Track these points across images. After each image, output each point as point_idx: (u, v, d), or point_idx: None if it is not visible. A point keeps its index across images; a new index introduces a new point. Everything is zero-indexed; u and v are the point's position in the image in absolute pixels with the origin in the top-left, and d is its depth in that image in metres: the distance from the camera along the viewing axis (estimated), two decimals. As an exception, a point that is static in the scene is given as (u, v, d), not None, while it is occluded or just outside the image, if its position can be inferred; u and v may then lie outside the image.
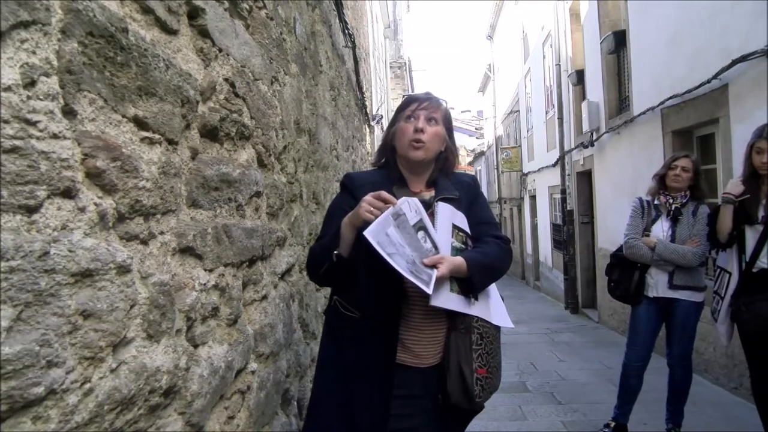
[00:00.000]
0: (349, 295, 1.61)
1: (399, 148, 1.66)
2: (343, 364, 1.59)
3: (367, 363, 1.55)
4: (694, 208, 3.07)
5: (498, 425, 3.65)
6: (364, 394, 1.54)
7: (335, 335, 1.65)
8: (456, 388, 1.54)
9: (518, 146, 15.42)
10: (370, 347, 1.55)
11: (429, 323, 1.58)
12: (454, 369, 1.55)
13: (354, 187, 1.65)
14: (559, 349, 6.02)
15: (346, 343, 1.60)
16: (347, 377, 1.58)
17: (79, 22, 0.79)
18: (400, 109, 1.70)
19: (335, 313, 1.65)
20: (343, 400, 1.57)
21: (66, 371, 0.74)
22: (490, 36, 20.22)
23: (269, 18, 1.86)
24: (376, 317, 1.55)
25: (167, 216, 1.06)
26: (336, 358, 1.62)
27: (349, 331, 1.59)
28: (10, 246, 0.65)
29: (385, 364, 1.54)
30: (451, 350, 1.56)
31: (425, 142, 1.61)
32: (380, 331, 1.55)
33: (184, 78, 1.14)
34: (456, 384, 1.54)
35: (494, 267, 1.61)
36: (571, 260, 9.08)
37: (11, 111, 0.67)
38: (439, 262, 1.45)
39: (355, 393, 1.56)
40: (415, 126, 1.62)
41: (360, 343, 1.57)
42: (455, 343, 1.57)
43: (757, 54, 3.76)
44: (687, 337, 3.07)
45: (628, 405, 3.24)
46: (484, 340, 1.59)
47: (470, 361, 1.55)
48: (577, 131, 8.83)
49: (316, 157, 2.84)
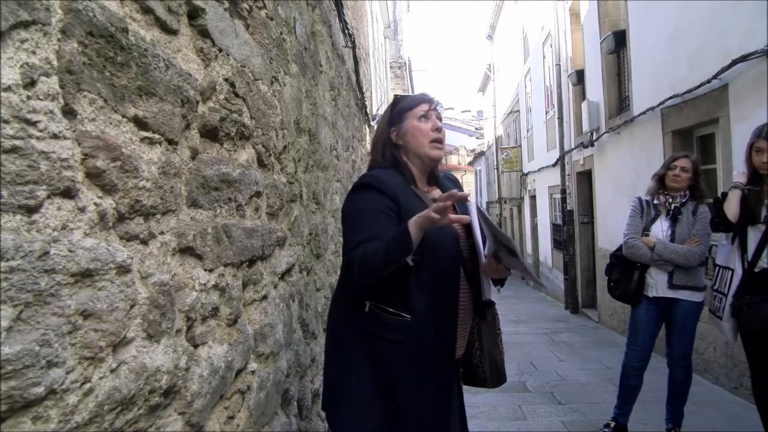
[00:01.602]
0: (395, 299, 1.54)
1: (416, 147, 1.68)
2: (390, 368, 1.55)
3: (427, 362, 1.57)
4: (693, 207, 3.07)
5: (498, 425, 3.65)
6: (428, 393, 1.58)
7: (373, 340, 1.57)
8: (492, 374, 1.75)
9: (518, 146, 15.42)
10: (431, 345, 1.58)
11: (465, 316, 1.69)
12: (488, 356, 1.74)
13: (386, 188, 1.58)
14: (559, 349, 6.02)
15: (395, 346, 1.54)
16: (399, 381, 1.55)
17: (79, 22, 0.79)
18: (407, 108, 1.71)
19: (374, 319, 1.56)
20: (390, 406, 1.55)
21: (66, 371, 0.74)
22: (490, 36, 20.22)
23: (269, 18, 1.86)
24: (435, 317, 1.58)
25: (167, 216, 1.06)
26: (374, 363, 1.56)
27: (400, 334, 1.54)
28: (10, 246, 0.65)
29: (449, 358, 1.66)
30: (484, 339, 1.74)
31: (443, 141, 1.73)
32: (440, 330, 1.61)
33: (184, 78, 1.14)
34: (492, 370, 1.74)
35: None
36: (571, 260, 9.08)
37: (11, 111, 0.67)
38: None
39: (414, 394, 1.55)
40: (434, 126, 1.69)
41: (416, 344, 1.54)
42: (486, 332, 1.75)
43: (757, 54, 3.76)
44: (687, 337, 3.07)
45: (628, 405, 3.24)
46: (499, 325, 1.82)
47: (498, 345, 1.77)
48: (577, 131, 8.83)
49: (316, 157, 2.84)
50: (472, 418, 3.71)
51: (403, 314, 1.54)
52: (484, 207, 22.15)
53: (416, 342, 1.54)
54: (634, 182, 6.03)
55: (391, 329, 1.55)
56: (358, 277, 1.48)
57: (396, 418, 1.54)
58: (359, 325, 1.60)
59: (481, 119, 29.47)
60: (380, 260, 1.43)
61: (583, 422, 3.67)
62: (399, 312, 1.54)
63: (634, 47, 6.20)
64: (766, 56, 3.68)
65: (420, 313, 1.54)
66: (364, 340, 1.58)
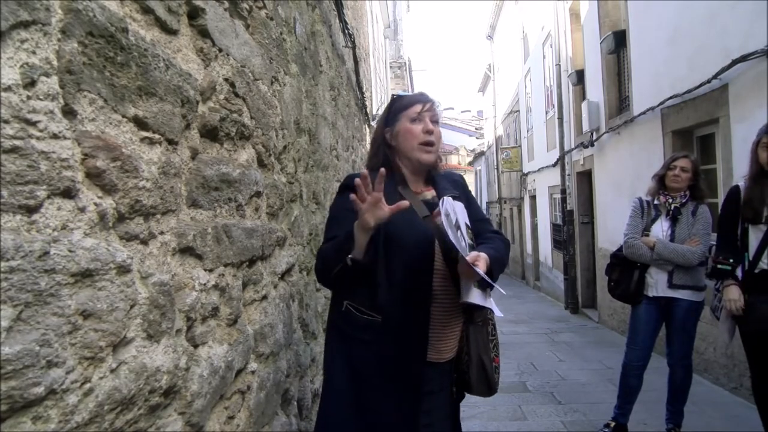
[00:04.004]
0: (364, 299, 1.58)
1: (406, 150, 1.66)
2: (359, 368, 1.57)
3: (393, 363, 1.55)
4: (693, 208, 3.08)
5: (498, 425, 3.64)
6: (392, 396, 1.54)
7: (347, 341, 1.61)
8: (479, 379, 1.65)
9: (518, 146, 15.42)
10: (396, 348, 1.55)
11: (449, 318, 1.63)
12: (476, 360, 1.64)
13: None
14: (559, 349, 6.02)
15: (363, 347, 1.57)
16: (364, 381, 1.56)
17: (79, 22, 0.79)
18: (401, 109, 1.69)
19: (347, 318, 1.61)
20: (358, 404, 1.56)
21: (66, 371, 0.74)
22: (490, 36, 20.21)
23: (269, 18, 1.86)
24: (403, 317, 1.55)
25: (167, 216, 1.06)
26: (349, 363, 1.59)
27: (369, 334, 1.56)
28: (10, 246, 0.65)
29: (415, 361, 1.57)
30: (471, 342, 1.66)
31: (435, 144, 1.66)
32: (409, 331, 1.56)
33: (184, 78, 1.14)
34: (478, 374, 1.64)
35: (504, 261, 1.67)
36: (571, 260, 9.08)
37: (11, 111, 0.67)
38: (476, 259, 1.47)
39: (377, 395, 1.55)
40: (425, 128, 1.63)
41: (383, 345, 1.55)
42: (474, 335, 1.66)
43: (757, 54, 3.76)
44: (687, 337, 3.08)
45: (628, 405, 3.24)
46: (495, 331, 1.72)
47: (488, 351, 1.67)
48: (577, 131, 8.83)
49: (316, 157, 2.84)
50: (472, 418, 3.71)
51: (373, 314, 1.56)
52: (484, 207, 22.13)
53: (383, 342, 1.55)
54: (634, 182, 6.03)
55: (361, 329, 1.58)
56: (318, 271, 1.62)
57: (364, 419, 1.56)
58: (338, 325, 1.65)
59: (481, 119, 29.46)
60: (331, 258, 1.53)
61: (583, 422, 3.67)
62: (369, 311, 1.57)
63: (634, 47, 6.20)
64: (766, 56, 3.68)
65: (388, 313, 1.55)
66: (341, 340, 1.63)
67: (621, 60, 7.02)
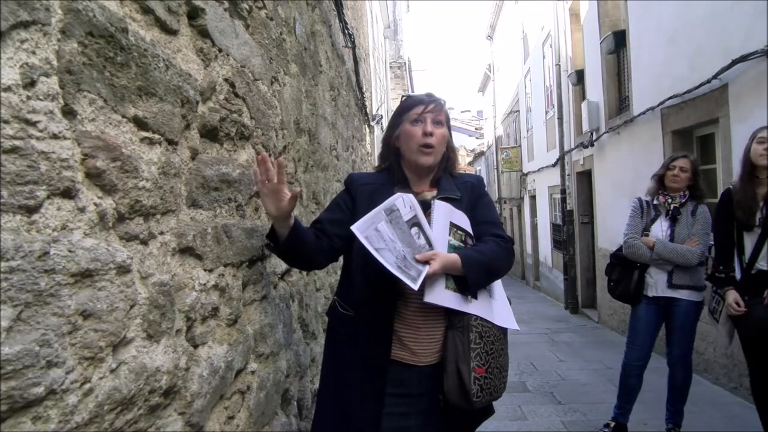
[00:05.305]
0: (344, 294, 1.68)
1: (406, 152, 1.65)
2: (340, 362, 1.64)
3: (362, 360, 1.57)
4: (693, 207, 3.08)
5: (498, 425, 3.64)
6: (358, 391, 1.57)
7: (333, 334, 1.72)
8: (453, 387, 1.51)
9: (518, 146, 15.42)
10: (365, 344, 1.58)
11: (425, 320, 1.57)
12: (451, 367, 1.52)
13: (353, 186, 1.69)
14: (559, 349, 6.02)
15: (342, 341, 1.66)
16: (342, 375, 1.62)
17: (79, 22, 0.79)
18: (403, 111, 1.68)
19: (334, 313, 1.72)
20: (338, 397, 1.62)
21: (66, 371, 0.74)
22: (490, 36, 20.21)
23: (269, 18, 1.86)
24: (370, 314, 1.58)
25: (167, 216, 1.06)
26: (333, 356, 1.68)
27: (345, 329, 1.65)
28: (10, 246, 0.65)
29: (378, 359, 1.55)
30: (449, 348, 1.54)
31: (435, 146, 1.61)
32: (375, 328, 1.57)
33: (184, 78, 1.14)
34: (453, 382, 1.51)
35: (491, 265, 1.57)
36: (571, 260, 9.08)
37: (11, 111, 0.67)
38: (431, 258, 1.43)
39: (349, 389, 1.59)
40: (424, 130, 1.60)
41: (355, 339, 1.61)
42: (453, 341, 1.54)
43: (757, 54, 3.76)
44: (687, 337, 3.08)
45: (627, 405, 3.24)
46: (483, 339, 1.55)
47: (468, 359, 1.51)
48: (577, 131, 8.83)
49: (316, 157, 2.84)
50: (472, 418, 3.71)
51: (348, 309, 1.64)
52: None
53: (354, 338, 1.60)
54: (634, 182, 6.03)
55: (343, 323, 1.66)
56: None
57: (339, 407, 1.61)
58: (328, 321, 1.76)
59: (481, 119, 29.47)
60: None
61: (583, 422, 3.67)
62: (346, 306, 1.65)
63: (634, 47, 6.20)
64: (766, 56, 3.68)
65: (359, 309, 1.61)
66: (330, 336, 1.73)
67: (621, 60, 7.02)
